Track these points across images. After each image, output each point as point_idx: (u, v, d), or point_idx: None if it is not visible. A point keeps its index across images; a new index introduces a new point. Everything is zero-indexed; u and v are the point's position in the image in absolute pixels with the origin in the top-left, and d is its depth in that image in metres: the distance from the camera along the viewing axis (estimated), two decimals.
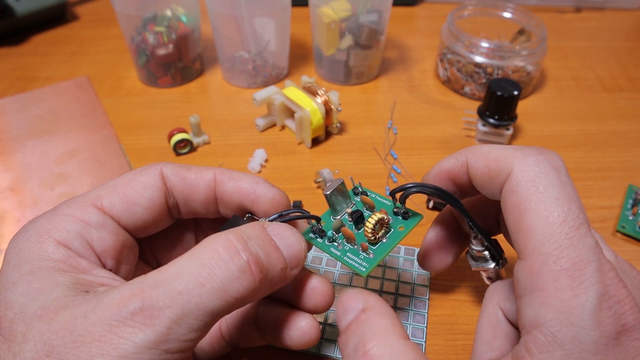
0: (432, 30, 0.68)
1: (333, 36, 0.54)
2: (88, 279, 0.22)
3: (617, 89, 0.58)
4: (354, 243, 0.27)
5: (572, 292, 0.20)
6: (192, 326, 0.20)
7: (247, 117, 0.53)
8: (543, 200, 0.22)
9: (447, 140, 0.50)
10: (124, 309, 0.19)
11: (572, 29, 0.69)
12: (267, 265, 0.22)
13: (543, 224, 0.21)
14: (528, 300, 0.21)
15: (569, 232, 0.21)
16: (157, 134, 0.51)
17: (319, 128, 0.48)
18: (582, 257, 0.20)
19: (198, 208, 0.27)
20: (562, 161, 0.23)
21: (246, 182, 0.27)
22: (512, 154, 0.23)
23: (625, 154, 0.49)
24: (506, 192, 0.23)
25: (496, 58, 0.52)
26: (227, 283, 0.20)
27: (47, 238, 0.23)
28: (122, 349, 0.19)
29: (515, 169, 0.23)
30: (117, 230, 0.25)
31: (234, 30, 0.53)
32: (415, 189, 0.26)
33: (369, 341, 0.20)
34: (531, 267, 0.21)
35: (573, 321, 0.20)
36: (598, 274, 0.20)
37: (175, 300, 0.20)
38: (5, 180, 0.45)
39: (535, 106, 0.55)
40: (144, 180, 0.26)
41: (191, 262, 0.21)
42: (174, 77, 0.57)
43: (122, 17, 0.53)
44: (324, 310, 0.27)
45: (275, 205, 0.27)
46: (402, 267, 0.37)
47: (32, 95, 0.55)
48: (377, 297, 0.23)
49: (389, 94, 0.57)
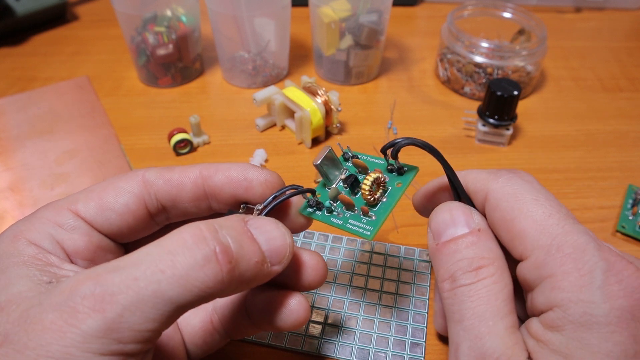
0: (432, 30, 0.68)
1: (333, 36, 0.54)
2: (53, 271, 0.22)
3: (617, 89, 0.58)
4: (353, 209, 0.27)
5: (579, 273, 0.21)
6: (148, 315, 0.19)
7: (247, 117, 0.53)
8: (524, 204, 0.23)
9: (447, 140, 0.50)
10: (75, 294, 0.19)
11: (572, 29, 0.69)
12: (237, 256, 0.21)
13: (532, 223, 0.22)
14: (538, 290, 0.22)
15: (559, 222, 0.22)
16: (157, 134, 0.51)
17: (319, 128, 0.48)
18: (580, 240, 0.21)
19: (189, 208, 0.27)
20: (532, 177, 0.25)
21: (235, 170, 0.26)
22: (485, 176, 0.25)
23: (625, 154, 0.49)
24: (489, 211, 0.25)
25: (496, 58, 0.52)
26: (190, 271, 0.20)
27: (20, 238, 0.23)
28: (70, 338, 0.18)
29: (490, 189, 0.25)
30: (90, 232, 0.25)
31: (234, 30, 0.53)
32: (405, 142, 0.25)
33: (490, 262, 0.23)
34: (535, 262, 0.22)
35: (583, 298, 0.20)
36: (599, 252, 0.21)
37: (130, 286, 0.19)
38: (5, 180, 0.45)
39: (535, 106, 0.55)
40: (121, 186, 0.25)
41: (155, 249, 0.20)
42: (174, 77, 0.57)
43: (122, 17, 0.53)
44: (316, 285, 0.26)
45: (269, 188, 0.26)
46: (402, 267, 0.37)
47: (32, 95, 0.55)
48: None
49: (389, 94, 0.57)
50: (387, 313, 0.34)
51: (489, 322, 0.22)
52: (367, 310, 0.35)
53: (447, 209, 0.25)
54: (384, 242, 0.39)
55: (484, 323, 0.22)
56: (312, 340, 0.33)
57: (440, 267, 0.24)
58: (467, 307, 0.22)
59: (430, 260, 0.25)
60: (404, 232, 0.41)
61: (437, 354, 0.32)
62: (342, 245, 0.39)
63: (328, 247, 0.39)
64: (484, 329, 0.22)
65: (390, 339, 0.33)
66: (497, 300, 0.22)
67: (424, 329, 0.33)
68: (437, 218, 0.25)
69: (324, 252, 0.38)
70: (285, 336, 0.33)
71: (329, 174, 0.28)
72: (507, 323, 0.22)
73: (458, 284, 0.23)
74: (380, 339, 0.33)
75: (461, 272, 0.23)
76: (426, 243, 0.39)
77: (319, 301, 0.35)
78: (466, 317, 0.22)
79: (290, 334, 0.33)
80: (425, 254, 0.38)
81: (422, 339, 0.33)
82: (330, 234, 0.39)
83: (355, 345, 0.33)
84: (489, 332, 0.21)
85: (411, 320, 0.34)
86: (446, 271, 0.24)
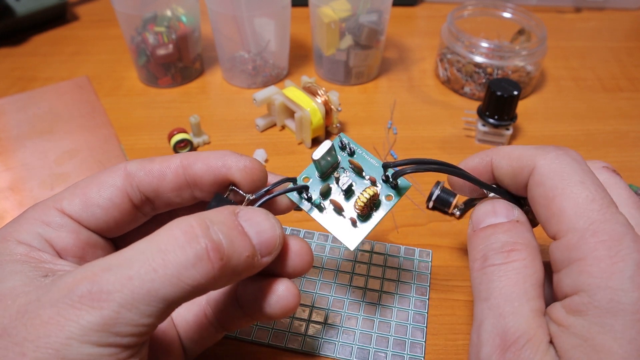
0: (432, 30, 0.68)
1: (333, 36, 0.54)
2: (48, 267, 0.22)
3: (617, 89, 0.58)
4: (342, 214, 0.27)
5: (611, 261, 0.20)
6: (143, 311, 0.20)
7: (247, 117, 0.53)
8: (569, 185, 0.22)
9: (447, 140, 0.50)
10: (72, 292, 0.19)
11: (572, 29, 0.69)
12: (229, 253, 0.21)
13: (573, 204, 0.22)
14: (567, 272, 0.22)
15: (600, 209, 0.21)
16: (157, 134, 0.51)
17: (319, 128, 0.48)
18: (618, 230, 0.21)
19: (172, 198, 0.27)
20: (580, 156, 0.24)
21: (214, 157, 0.26)
22: (534, 152, 0.25)
23: (625, 154, 0.49)
24: (532, 186, 0.24)
25: (496, 58, 0.52)
26: (182, 270, 0.20)
27: (9, 239, 0.23)
28: (69, 331, 0.19)
29: (537, 164, 0.24)
30: (78, 229, 0.25)
31: (234, 30, 0.53)
32: (409, 170, 0.25)
33: (523, 248, 0.23)
34: (568, 243, 0.22)
35: (611, 285, 0.20)
36: (635, 244, 0.20)
37: (125, 285, 0.19)
38: (5, 179, 0.45)
39: (535, 106, 0.55)
40: (104, 180, 0.25)
41: (147, 246, 0.20)
42: (174, 77, 0.57)
43: (122, 17, 0.53)
44: (303, 271, 0.27)
45: (249, 174, 0.26)
46: (402, 267, 0.37)
47: (32, 95, 0.55)
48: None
49: (389, 94, 0.57)
50: (387, 313, 0.34)
51: (515, 302, 0.22)
52: (367, 310, 0.35)
53: (490, 202, 0.26)
54: (384, 242, 0.39)
55: (510, 303, 0.22)
56: (312, 340, 0.33)
57: (474, 249, 0.25)
58: (494, 286, 0.23)
59: (468, 247, 0.26)
60: (404, 232, 0.41)
61: (437, 354, 0.32)
62: (342, 246, 0.39)
63: (328, 247, 0.39)
64: (508, 309, 0.22)
65: (390, 339, 0.33)
66: (525, 283, 0.22)
67: (424, 329, 0.33)
68: (480, 210, 0.26)
69: (324, 252, 0.38)
70: (285, 336, 0.33)
71: (325, 168, 0.28)
72: (533, 306, 0.22)
73: (488, 264, 0.23)
74: (380, 339, 0.33)
75: (493, 252, 0.23)
76: (426, 243, 0.40)
77: (319, 301, 0.35)
78: (493, 295, 0.22)
79: (290, 333, 0.33)
80: (425, 254, 0.38)
81: (422, 339, 0.33)
82: (330, 234, 0.39)
83: (355, 345, 0.33)
84: (513, 312, 0.22)
85: (411, 320, 0.34)
86: (478, 252, 0.24)
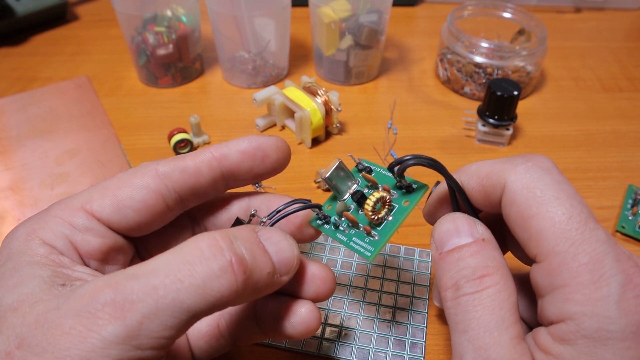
0: (432, 30, 0.68)
1: (333, 36, 0.54)
2: (67, 272, 0.22)
3: (617, 89, 0.58)
4: (358, 226, 0.26)
5: (594, 286, 0.20)
6: (166, 323, 0.19)
7: (247, 117, 0.53)
8: (544, 203, 0.21)
9: (447, 141, 0.50)
10: (95, 300, 0.19)
11: (572, 29, 0.69)
12: (251, 267, 0.21)
13: (550, 225, 0.21)
14: (550, 299, 0.21)
15: (579, 227, 0.21)
16: (157, 134, 0.51)
17: (319, 128, 0.48)
18: (598, 250, 0.20)
19: (208, 190, 0.27)
20: (551, 162, 0.23)
21: (245, 143, 0.26)
22: (502, 167, 0.24)
23: (625, 154, 0.49)
24: (505, 205, 0.23)
25: (496, 58, 0.52)
26: (207, 281, 0.20)
27: (34, 237, 0.23)
28: (90, 343, 0.18)
29: (508, 181, 0.23)
30: (105, 233, 0.25)
31: (234, 30, 0.54)
32: (412, 162, 0.24)
33: (494, 271, 0.22)
34: (549, 268, 0.21)
35: (598, 312, 0.19)
36: (617, 264, 0.20)
37: (149, 294, 0.19)
38: (5, 179, 0.45)
39: (535, 106, 0.55)
40: (137, 183, 0.25)
41: (173, 257, 0.20)
42: (174, 77, 0.57)
43: (122, 17, 0.53)
44: (325, 297, 0.27)
45: (282, 152, 0.27)
46: (402, 267, 0.37)
47: (32, 95, 0.55)
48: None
49: (389, 94, 0.57)
50: (387, 313, 0.34)
51: (494, 332, 0.21)
52: (367, 310, 0.35)
53: (450, 219, 0.25)
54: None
55: (489, 334, 0.21)
56: (312, 340, 0.33)
57: (443, 276, 0.24)
58: (471, 317, 0.22)
59: (434, 270, 0.25)
60: (404, 232, 0.41)
61: (437, 354, 0.32)
62: (342, 246, 0.39)
63: (328, 247, 0.39)
64: (489, 340, 0.21)
65: (390, 339, 0.33)
66: (502, 309, 0.22)
67: (424, 329, 0.33)
68: (441, 228, 0.25)
69: (324, 252, 0.38)
70: None
71: (339, 187, 0.27)
72: (513, 333, 0.21)
73: (462, 293, 0.22)
74: (380, 339, 0.33)
75: (465, 280, 0.23)
76: (426, 243, 0.40)
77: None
78: (471, 327, 0.22)
79: None
80: (425, 254, 0.38)
81: (422, 339, 0.33)
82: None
83: (355, 345, 0.33)
84: (494, 343, 0.21)
85: (411, 320, 0.34)
86: (449, 279, 0.23)
